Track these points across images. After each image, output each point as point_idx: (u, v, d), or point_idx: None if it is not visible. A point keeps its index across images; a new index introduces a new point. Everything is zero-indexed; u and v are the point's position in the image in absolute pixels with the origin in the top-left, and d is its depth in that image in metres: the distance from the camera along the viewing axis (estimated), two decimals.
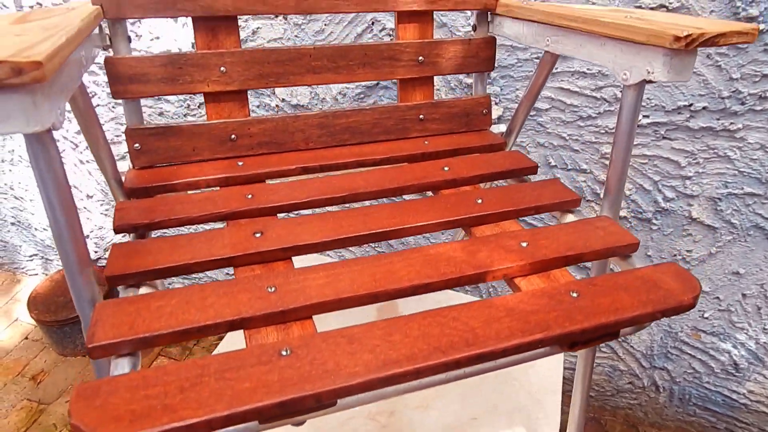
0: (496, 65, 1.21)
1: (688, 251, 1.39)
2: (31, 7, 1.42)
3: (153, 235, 0.62)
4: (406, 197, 1.02)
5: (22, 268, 2.19)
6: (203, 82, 0.71)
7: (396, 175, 0.71)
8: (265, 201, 0.65)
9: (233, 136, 0.74)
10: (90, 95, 1.56)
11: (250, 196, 0.66)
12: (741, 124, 1.19)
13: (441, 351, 0.42)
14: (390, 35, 1.25)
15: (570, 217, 0.68)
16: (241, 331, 0.46)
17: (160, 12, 0.66)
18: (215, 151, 0.74)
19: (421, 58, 0.80)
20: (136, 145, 0.70)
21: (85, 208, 1.93)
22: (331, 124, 0.78)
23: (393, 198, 0.80)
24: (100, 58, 1.33)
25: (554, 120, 1.29)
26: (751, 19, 1.08)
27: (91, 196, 1.91)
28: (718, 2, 1.09)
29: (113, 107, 1.63)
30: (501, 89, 1.27)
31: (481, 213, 0.64)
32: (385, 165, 0.77)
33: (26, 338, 1.77)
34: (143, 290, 0.51)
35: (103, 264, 1.97)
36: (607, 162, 1.32)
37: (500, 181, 0.77)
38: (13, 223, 2.08)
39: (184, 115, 1.50)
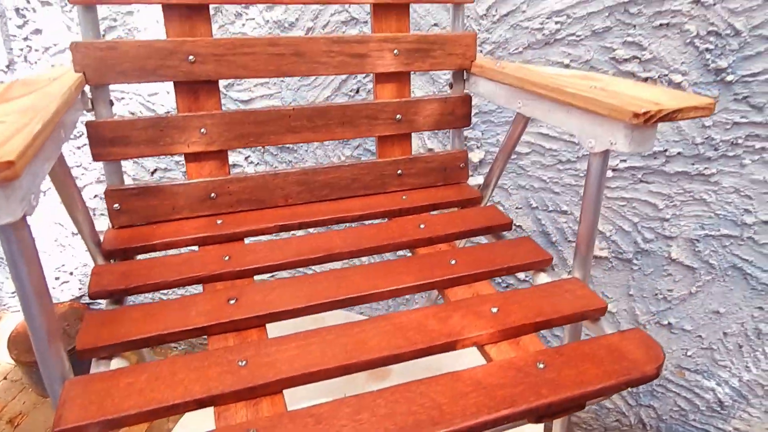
0: (477, 111, 1.24)
1: (668, 290, 1.41)
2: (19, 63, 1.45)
3: (129, 300, 0.62)
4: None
5: (3, 305, 2.16)
6: (184, 144, 0.72)
7: (373, 234, 0.72)
8: (241, 263, 0.66)
9: (213, 195, 0.75)
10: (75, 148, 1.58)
11: (227, 258, 0.67)
12: (715, 168, 1.22)
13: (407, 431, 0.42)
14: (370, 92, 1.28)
15: (542, 277, 0.69)
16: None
17: (142, 78, 0.68)
18: (194, 209, 0.75)
19: (399, 116, 0.82)
20: (116, 205, 0.71)
21: (69, 245, 1.93)
22: (310, 180, 0.80)
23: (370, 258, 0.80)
24: None
25: (534, 163, 1.32)
26: (720, 70, 1.12)
27: (76, 234, 1.91)
28: (688, 55, 1.13)
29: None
30: (482, 134, 1.30)
31: (454, 275, 0.65)
32: (364, 221, 0.78)
33: (4, 378, 1.74)
34: (115, 362, 0.52)
35: (86, 301, 1.96)
36: None
37: (470, 239, 0.78)
38: None
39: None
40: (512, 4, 1.17)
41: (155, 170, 1.59)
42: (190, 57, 0.69)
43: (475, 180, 0.91)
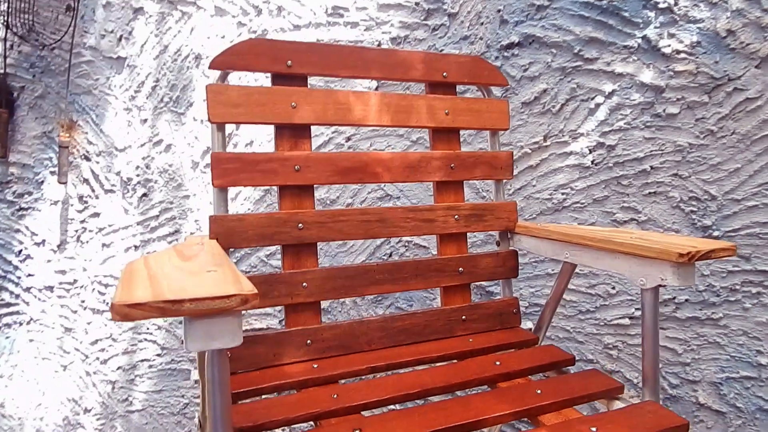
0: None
1: None
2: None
3: None
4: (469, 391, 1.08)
5: None
6: (288, 296, 0.83)
7: (457, 371, 0.80)
8: (349, 400, 0.72)
9: (309, 341, 0.84)
10: None
11: (335, 396, 0.73)
12: (721, 313, 1.36)
13: None
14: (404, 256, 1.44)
15: (617, 404, 0.77)
16: None
17: (260, 242, 0.82)
18: (293, 355, 0.83)
19: (461, 269, 0.96)
20: (228, 353, 0.78)
21: (78, 423, 1.86)
22: (390, 326, 0.90)
23: (457, 392, 0.85)
24: None
25: (557, 314, 1.44)
26: (706, 228, 1.33)
27: (89, 410, 1.86)
28: (677, 216, 1.35)
29: None
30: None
31: (543, 403, 0.72)
32: (441, 362, 0.86)
33: None
34: None
35: None
36: (611, 352, 1.43)
37: (543, 373, 0.87)
38: None
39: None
40: (523, 180, 1.41)
41: None
42: (300, 225, 0.84)
43: (525, 324, 1.02)
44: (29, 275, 1.81)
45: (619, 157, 1.34)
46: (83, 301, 1.76)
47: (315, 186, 0.87)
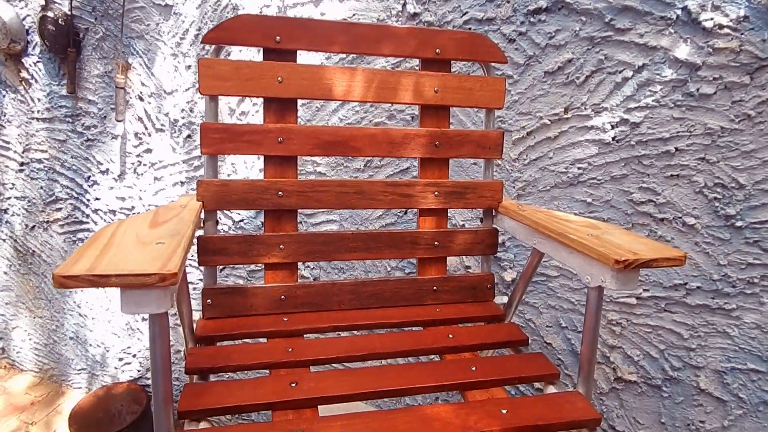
0: (510, 236, 1.41)
1: (701, 422, 1.43)
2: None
3: (212, 377, 0.79)
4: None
5: (69, 381, 2.36)
6: (266, 256, 0.93)
7: (409, 340, 0.88)
8: (301, 355, 0.82)
9: (283, 297, 0.94)
10: None
11: (290, 350, 0.84)
12: (735, 304, 1.31)
13: None
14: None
15: (551, 388, 0.81)
16: None
17: (243, 206, 0.91)
18: (267, 308, 0.93)
19: (436, 243, 1.00)
20: (209, 300, 0.90)
21: (138, 329, 2.15)
22: (360, 290, 0.97)
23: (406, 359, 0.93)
24: None
25: (563, 286, 1.45)
26: (729, 216, 1.26)
27: (146, 319, 2.14)
28: (699, 201, 1.28)
29: None
30: (515, 256, 1.46)
31: (475, 379, 0.78)
32: (402, 328, 0.94)
33: None
34: (203, 425, 0.67)
35: (144, 383, 2.13)
36: (614, 328, 1.44)
37: (494, 350, 0.92)
38: (71, 338, 2.30)
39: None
40: (540, 152, 1.39)
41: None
42: (279, 192, 0.92)
43: (500, 299, 1.06)
44: (96, 199, 2.05)
45: (642, 135, 1.27)
46: None
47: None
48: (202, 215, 0.91)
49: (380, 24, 1.01)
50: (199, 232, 0.91)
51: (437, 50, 0.96)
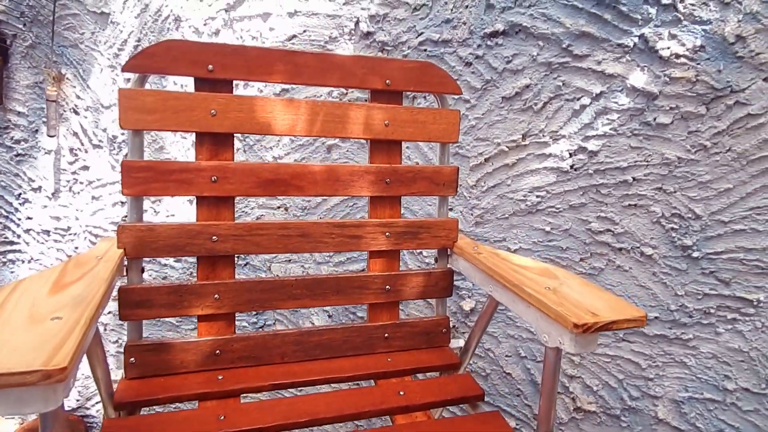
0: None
1: None
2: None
3: None
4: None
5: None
6: (198, 307, 0.84)
7: (356, 400, 0.80)
8: (234, 424, 0.74)
9: (218, 351, 0.85)
10: None
11: (222, 418, 0.75)
12: (692, 334, 1.30)
13: None
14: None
15: None
16: None
17: (172, 253, 0.81)
18: (200, 364, 0.84)
19: (388, 287, 0.94)
20: (132, 359, 0.81)
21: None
22: (305, 341, 0.90)
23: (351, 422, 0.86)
24: None
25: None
26: (685, 247, 1.24)
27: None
28: (656, 232, 1.26)
29: None
30: (473, 284, 1.41)
31: None
32: (350, 382, 0.86)
33: None
34: None
35: (83, 413, 1.98)
36: (572, 357, 1.41)
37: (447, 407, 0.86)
38: None
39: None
40: (498, 179, 1.34)
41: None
42: (214, 237, 0.83)
43: (457, 342, 1.00)
44: (28, 218, 1.89)
45: (600, 164, 1.24)
46: (77, 248, 1.84)
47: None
48: (125, 261, 0.81)
49: (324, 52, 0.94)
50: (122, 281, 0.82)
51: (387, 81, 0.90)
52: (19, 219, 1.88)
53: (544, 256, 1.35)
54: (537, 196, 1.32)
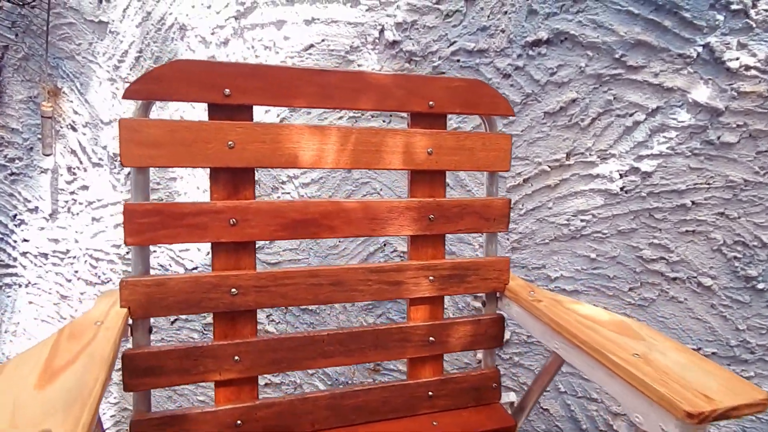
0: None
1: None
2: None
3: None
4: None
5: None
6: (216, 372, 0.71)
7: None
8: None
9: (239, 422, 0.73)
10: None
11: None
12: (753, 371, 1.18)
13: None
14: (401, 257, 1.30)
15: None
16: None
17: (185, 311, 0.69)
18: None
19: (431, 338, 0.81)
20: None
21: None
22: (339, 405, 0.77)
23: None
24: None
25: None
26: (749, 278, 1.12)
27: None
28: (717, 260, 1.13)
29: None
30: (528, 334, 1.29)
31: None
32: None
33: None
34: None
35: None
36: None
37: None
38: None
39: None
40: (538, 201, 1.21)
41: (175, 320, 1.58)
42: (233, 290, 0.71)
43: (507, 397, 0.88)
44: (24, 240, 1.77)
45: (655, 186, 1.12)
46: (77, 272, 1.72)
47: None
48: (130, 321, 0.69)
49: (358, 70, 0.81)
50: (127, 345, 0.69)
51: (430, 102, 0.77)
52: (15, 241, 1.76)
53: (588, 285, 1.23)
54: (581, 221, 1.19)
